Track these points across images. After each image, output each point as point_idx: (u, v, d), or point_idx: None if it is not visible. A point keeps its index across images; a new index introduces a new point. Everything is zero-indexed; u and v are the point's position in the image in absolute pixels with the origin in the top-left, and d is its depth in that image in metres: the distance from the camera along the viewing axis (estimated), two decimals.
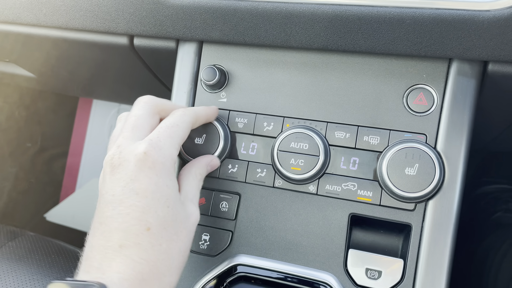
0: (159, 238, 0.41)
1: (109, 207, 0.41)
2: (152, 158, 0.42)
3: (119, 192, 0.41)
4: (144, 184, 0.41)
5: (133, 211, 0.40)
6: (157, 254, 0.40)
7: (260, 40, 0.53)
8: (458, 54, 0.48)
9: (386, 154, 0.49)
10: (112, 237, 0.40)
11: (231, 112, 0.56)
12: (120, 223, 0.40)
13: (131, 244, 0.39)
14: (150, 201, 0.41)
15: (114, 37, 0.61)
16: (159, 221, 0.41)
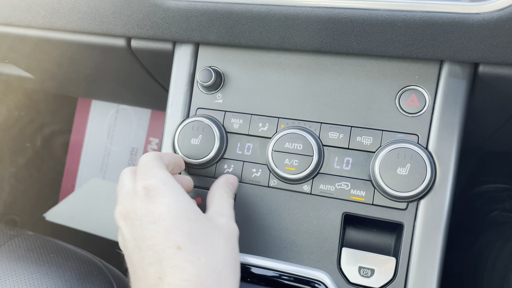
0: (195, 253, 0.39)
1: (136, 251, 0.41)
2: (152, 186, 0.43)
3: (138, 231, 0.41)
4: (157, 210, 0.41)
5: (158, 239, 0.39)
6: (199, 270, 0.38)
7: (255, 43, 0.54)
8: (449, 56, 0.49)
9: (379, 154, 0.50)
10: (148, 274, 0.39)
11: (227, 113, 0.57)
12: (151, 256, 0.39)
13: (169, 269, 0.38)
14: (170, 221, 0.40)
15: (112, 39, 0.62)
16: (187, 236, 0.40)
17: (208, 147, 0.55)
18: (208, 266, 0.39)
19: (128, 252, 0.42)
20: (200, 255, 0.39)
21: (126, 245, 0.43)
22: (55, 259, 0.71)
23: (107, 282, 0.70)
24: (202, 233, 0.41)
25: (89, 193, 1.38)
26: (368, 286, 0.50)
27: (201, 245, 0.40)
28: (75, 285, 0.67)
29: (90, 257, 0.75)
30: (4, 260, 0.70)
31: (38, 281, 0.66)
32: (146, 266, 0.39)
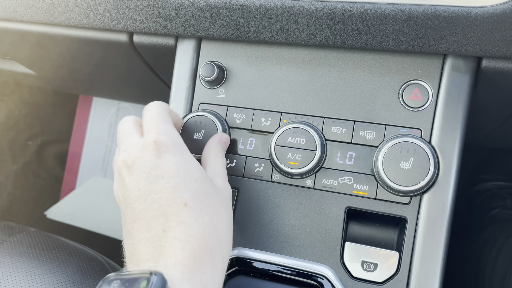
0: (199, 211, 0.40)
1: (140, 201, 0.41)
2: (163, 142, 0.43)
3: (144, 183, 0.41)
4: (166, 166, 0.42)
5: (165, 194, 0.40)
6: (202, 228, 0.39)
7: (258, 37, 0.54)
8: (452, 50, 0.49)
9: (382, 149, 0.50)
10: (152, 226, 0.39)
11: (229, 108, 0.57)
12: (157, 209, 0.39)
13: (174, 224, 0.38)
14: (178, 179, 0.41)
15: (114, 34, 0.62)
16: (193, 195, 0.41)
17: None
18: (210, 225, 0.40)
19: (128, 201, 0.42)
20: (204, 214, 0.40)
21: (127, 194, 0.42)
22: (57, 255, 0.71)
23: None
24: (206, 193, 0.42)
25: (90, 191, 1.38)
26: (371, 280, 0.50)
27: (206, 205, 0.41)
28: (77, 281, 0.67)
29: (92, 253, 0.75)
30: (6, 256, 0.70)
31: (40, 277, 0.66)
32: (150, 217, 0.39)
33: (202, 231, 0.39)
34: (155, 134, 0.44)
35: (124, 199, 0.43)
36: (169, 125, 0.46)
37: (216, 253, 0.40)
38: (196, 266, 0.37)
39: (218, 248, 0.40)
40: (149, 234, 0.39)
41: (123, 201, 0.43)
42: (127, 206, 0.42)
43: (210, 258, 0.39)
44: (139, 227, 0.40)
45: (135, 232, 0.40)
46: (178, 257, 0.37)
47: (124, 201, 0.43)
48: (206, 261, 0.38)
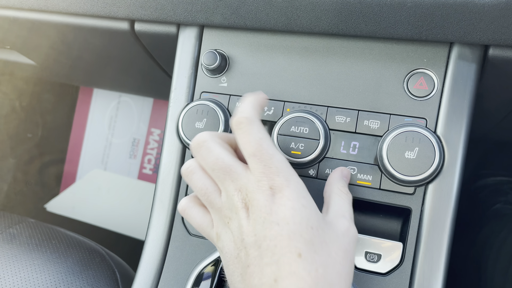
0: (313, 263, 0.38)
1: (254, 247, 0.39)
2: (278, 187, 0.41)
3: (260, 229, 0.39)
4: (281, 212, 0.40)
5: (279, 242, 0.38)
6: (315, 282, 0.37)
7: (261, 24, 0.53)
8: (459, 38, 0.48)
9: (386, 138, 0.49)
10: (264, 274, 0.38)
11: (232, 96, 0.56)
12: (270, 257, 0.38)
13: (286, 274, 0.37)
14: (293, 227, 0.39)
15: (115, 22, 0.61)
16: (308, 245, 0.39)
17: (213, 131, 0.54)
18: (324, 278, 0.38)
19: (244, 244, 0.41)
20: (318, 265, 0.38)
21: (243, 237, 0.41)
22: (57, 245, 0.71)
23: (109, 269, 0.70)
24: (323, 241, 0.40)
25: (91, 184, 1.38)
26: (375, 271, 0.50)
27: (321, 255, 0.39)
28: (77, 271, 0.67)
29: (92, 244, 0.74)
30: (5, 246, 0.69)
31: (40, 267, 0.66)
32: (263, 264, 0.38)
33: (314, 285, 0.37)
34: (268, 178, 0.41)
35: (240, 242, 0.41)
36: (278, 156, 0.43)
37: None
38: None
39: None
40: (260, 282, 0.38)
41: (238, 242, 0.41)
42: (242, 249, 0.41)
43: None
44: (251, 272, 0.39)
45: (247, 277, 0.39)
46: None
47: (239, 243, 0.41)
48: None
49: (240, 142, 0.44)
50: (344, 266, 0.40)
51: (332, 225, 0.42)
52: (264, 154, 0.42)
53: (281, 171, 0.42)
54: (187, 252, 0.54)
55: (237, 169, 0.43)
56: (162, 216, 0.56)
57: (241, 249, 0.41)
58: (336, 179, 0.49)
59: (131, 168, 1.36)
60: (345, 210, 0.45)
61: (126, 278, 0.71)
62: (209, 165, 0.44)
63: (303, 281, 0.37)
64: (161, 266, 0.55)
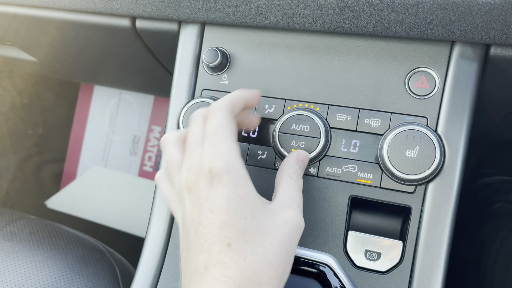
0: (242, 252, 0.38)
1: (191, 232, 0.40)
2: (217, 172, 0.40)
3: (197, 214, 0.40)
4: (215, 200, 0.40)
5: (211, 230, 0.39)
6: (242, 270, 0.37)
7: (263, 22, 0.53)
8: (461, 37, 0.48)
9: (387, 137, 0.49)
10: (197, 260, 0.39)
11: None
12: (202, 244, 0.39)
13: (215, 263, 0.38)
14: (226, 216, 0.39)
15: (117, 19, 0.61)
16: (239, 235, 0.39)
17: None
18: (252, 267, 0.38)
19: (185, 227, 0.41)
20: (247, 255, 0.38)
21: (184, 220, 0.42)
22: (57, 242, 0.71)
23: (109, 266, 0.70)
24: (256, 232, 0.40)
25: (91, 181, 1.38)
26: (375, 269, 0.50)
27: (251, 245, 0.39)
28: (77, 268, 0.67)
29: (92, 241, 0.74)
30: (6, 242, 0.69)
31: (41, 264, 0.66)
32: (197, 251, 0.39)
33: (240, 273, 0.38)
34: (210, 161, 0.41)
35: (183, 224, 0.42)
36: (228, 142, 0.42)
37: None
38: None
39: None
40: (195, 267, 0.39)
41: (181, 224, 0.42)
42: (184, 231, 0.42)
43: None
44: (188, 257, 0.40)
45: (187, 261, 0.40)
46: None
47: (182, 225, 0.42)
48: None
49: (205, 127, 0.44)
50: (276, 255, 0.40)
51: (273, 214, 0.42)
52: (216, 138, 0.42)
53: (226, 155, 0.41)
54: None
55: (197, 148, 0.43)
56: (163, 213, 0.56)
57: (183, 231, 0.42)
58: (289, 164, 0.48)
59: (132, 165, 1.36)
60: (293, 198, 0.44)
61: (126, 275, 0.71)
62: (187, 137, 0.45)
63: (229, 269, 0.38)
64: (162, 263, 0.55)
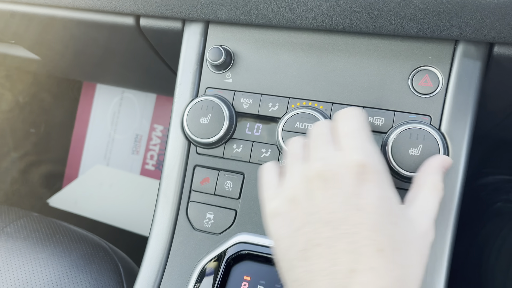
0: (392, 262, 0.35)
1: (329, 226, 0.36)
2: (370, 169, 0.37)
3: (338, 208, 0.36)
4: (367, 199, 0.36)
5: (362, 230, 0.35)
6: (391, 282, 0.34)
7: (267, 21, 0.53)
8: (465, 36, 0.48)
9: (391, 135, 0.50)
10: (339, 260, 0.34)
11: (236, 92, 0.56)
12: (348, 244, 0.35)
13: (365, 268, 0.34)
14: (378, 218, 0.36)
15: (121, 18, 0.61)
16: (390, 241, 0.35)
17: (217, 126, 0.55)
18: (400, 281, 0.34)
19: (312, 218, 0.37)
20: (396, 266, 0.35)
21: (313, 210, 0.37)
22: (60, 240, 0.71)
23: (112, 264, 0.70)
24: (403, 241, 0.36)
25: (93, 180, 1.38)
26: None
27: (400, 256, 0.35)
28: (81, 265, 0.67)
29: (96, 239, 0.75)
30: (10, 240, 0.70)
31: (44, 261, 0.66)
32: (337, 250, 0.35)
33: (392, 284, 0.34)
34: (361, 155, 0.38)
35: (306, 214, 0.37)
36: (374, 146, 0.40)
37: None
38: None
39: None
40: (333, 268, 0.35)
41: (301, 214, 0.38)
42: (308, 222, 0.37)
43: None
44: (321, 253, 0.36)
45: (315, 258, 0.36)
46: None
47: (304, 216, 0.38)
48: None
49: (342, 125, 0.42)
50: (420, 270, 0.36)
51: (414, 223, 0.38)
52: (363, 135, 0.40)
53: (375, 155, 0.39)
54: (191, 247, 0.55)
55: (328, 142, 0.41)
56: (167, 211, 0.56)
57: (306, 223, 0.37)
58: (434, 169, 0.44)
59: (134, 164, 1.37)
60: (431, 210, 0.40)
61: (129, 272, 0.71)
62: (312, 135, 0.43)
63: (382, 279, 0.34)
64: (165, 261, 0.55)
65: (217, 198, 0.55)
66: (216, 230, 0.54)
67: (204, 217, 0.55)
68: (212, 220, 0.55)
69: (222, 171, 0.56)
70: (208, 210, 0.55)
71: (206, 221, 0.55)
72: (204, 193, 0.56)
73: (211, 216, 0.55)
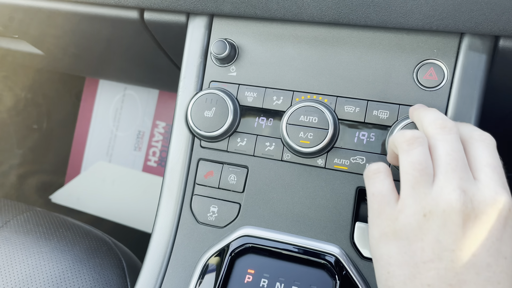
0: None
1: (469, 270, 0.34)
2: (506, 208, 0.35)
3: (481, 253, 0.34)
4: (509, 247, 0.34)
5: (503, 280, 0.34)
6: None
7: (271, 13, 0.53)
8: (470, 29, 0.48)
9: (395, 128, 0.49)
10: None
11: (241, 86, 0.56)
12: (467, 277, 0.34)
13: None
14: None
15: (125, 11, 0.61)
16: (505, 278, 0.34)
17: (222, 120, 0.54)
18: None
19: (446, 256, 0.35)
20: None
21: (447, 246, 0.35)
22: (64, 234, 0.71)
23: (115, 258, 0.70)
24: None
25: (95, 176, 1.38)
26: None
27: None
28: (84, 259, 0.67)
29: (99, 233, 0.75)
30: (13, 233, 0.70)
31: (48, 255, 0.66)
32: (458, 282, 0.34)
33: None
34: (509, 196, 0.35)
35: (440, 249, 0.35)
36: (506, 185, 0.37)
37: None
38: None
39: None
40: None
41: (435, 247, 0.35)
42: (442, 259, 0.35)
43: None
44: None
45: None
46: None
47: (437, 250, 0.35)
48: None
49: (478, 152, 0.39)
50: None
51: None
52: (503, 173, 0.37)
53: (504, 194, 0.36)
54: (195, 240, 0.55)
55: (468, 171, 0.37)
56: (171, 204, 0.56)
57: (439, 257, 0.35)
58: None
59: (136, 160, 1.37)
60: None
61: (132, 267, 0.71)
62: (445, 150, 0.38)
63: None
64: (169, 254, 0.55)
65: (221, 192, 0.55)
66: (220, 224, 0.54)
67: (208, 210, 0.55)
68: (216, 214, 0.55)
69: (226, 165, 0.56)
70: (212, 203, 0.55)
71: (210, 215, 0.55)
72: (208, 186, 0.56)
73: (215, 209, 0.55)
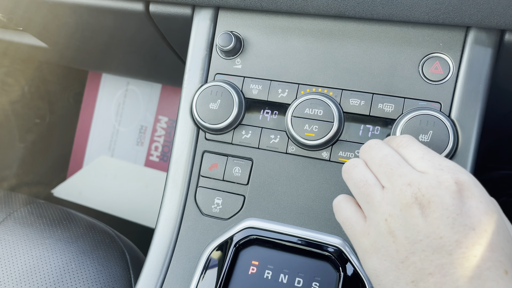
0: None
1: (442, 252, 0.34)
2: (467, 185, 0.36)
3: (448, 232, 0.34)
4: (475, 216, 0.34)
5: (478, 251, 0.33)
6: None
7: (277, 6, 0.53)
8: (476, 22, 0.48)
9: (400, 122, 0.49)
10: (457, 282, 0.33)
11: (246, 78, 0.56)
12: (466, 269, 0.33)
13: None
14: (492, 236, 0.33)
15: (130, 3, 0.61)
16: (510, 260, 0.33)
17: (227, 112, 0.55)
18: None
19: (419, 246, 0.35)
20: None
21: (417, 238, 0.35)
22: (67, 226, 0.71)
23: (119, 250, 0.71)
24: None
25: (97, 171, 1.38)
26: None
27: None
28: (87, 251, 0.67)
29: (102, 226, 0.75)
30: (17, 225, 0.70)
31: (52, 246, 0.66)
32: (457, 276, 0.33)
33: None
34: (453, 172, 0.36)
35: (410, 244, 0.36)
36: (452, 162, 0.38)
37: None
38: None
39: None
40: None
41: (405, 244, 0.36)
42: (413, 252, 0.35)
43: None
44: (436, 283, 0.34)
45: (416, 278, 0.34)
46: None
47: (408, 246, 0.36)
48: None
49: (409, 150, 0.41)
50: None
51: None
52: (436, 156, 0.39)
53: (461, 169, 0.37)
54: (200, 232, 0.55)
55: (406, 166, 0.39)
56: (175, 196, 0.56)
57: (411, 252, 0.35)
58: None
59: (138, 155, 1.37)
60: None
61: (136, 259, 0.72)
62: (376, 160, 0.41)
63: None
64: (174, 245, 0.55)
65: (226, 184, 0.55)
66: (225, 215, 0.55)
67: (212, 202, 0.55)
68: (221, 206, 0.55)
69: (231, 157, 0.56)
70: (216, 195, 0.55)
71: (214, 207, 0.55)
72: (213, 178, 0.56)
73: (220, 201, 0.55)
